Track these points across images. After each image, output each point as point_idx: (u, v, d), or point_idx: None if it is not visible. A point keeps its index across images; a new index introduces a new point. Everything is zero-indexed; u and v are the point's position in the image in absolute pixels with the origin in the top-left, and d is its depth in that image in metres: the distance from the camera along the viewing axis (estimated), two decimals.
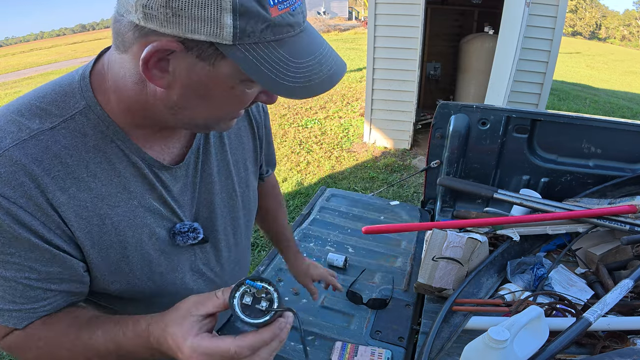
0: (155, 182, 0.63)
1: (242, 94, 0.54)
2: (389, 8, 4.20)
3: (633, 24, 49.65)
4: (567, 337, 0.89)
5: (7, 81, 12.22)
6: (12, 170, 0.51)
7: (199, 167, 0.70)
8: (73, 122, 0.56)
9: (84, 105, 0.56)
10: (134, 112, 0.57)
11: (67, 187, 0.55)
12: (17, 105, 0.56)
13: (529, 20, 3.57)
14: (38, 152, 0.53)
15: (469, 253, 1.21)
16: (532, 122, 1.62)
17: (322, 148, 4.94)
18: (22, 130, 0.53)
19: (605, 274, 1.22)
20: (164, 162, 0.64)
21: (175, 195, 0.67)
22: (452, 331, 1.09)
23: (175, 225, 0.68)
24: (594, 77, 12.18)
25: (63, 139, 0.55)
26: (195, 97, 0.53)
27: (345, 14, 30.54)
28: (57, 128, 0.55)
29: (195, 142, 0.69)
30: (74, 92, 0.57)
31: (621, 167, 1.56)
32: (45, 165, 0.53)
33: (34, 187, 0.52)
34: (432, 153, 1.80)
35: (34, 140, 0.53)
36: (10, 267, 0.54)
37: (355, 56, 11.66)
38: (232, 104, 0.56)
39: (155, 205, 0.64)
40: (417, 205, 2.20)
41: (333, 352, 1.10)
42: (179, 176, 0.67)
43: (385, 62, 4.43)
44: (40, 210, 0.53)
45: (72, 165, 0.55)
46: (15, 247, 0.53)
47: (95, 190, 0.57)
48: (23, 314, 0.58)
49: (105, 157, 0.58)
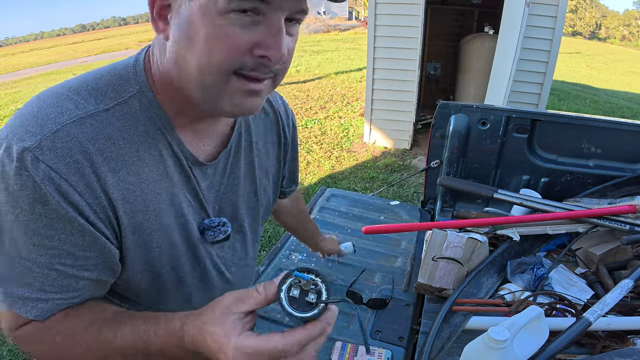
0: (192, 176, 0.64)
1: (229, 31, 0.50)
2: (389, 8, 4.20)
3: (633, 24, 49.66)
4: (567, 337, 0.89)
5: (7, 81, 12.22)
6: (69, 147, 0.51)
7: (228, 168, 0.71)
8: (127, 105, 0.57)
9: (137, 89, 0.58)
10: (170, 93, 0.58)
11: (118, 169, 0.55)
12: (73, 84, 0.57)
13: (529, 20, 3.57)
14: (94, 131, 0.53)
15: (469, 253, 1.21)
16: (532, 122, 1.62)
17: (322, 148, 4.94)
18: (79, 109, 0.54)
19: (605, 274, 1.22)
20: (200, 157, 0.65)
21: (203, 192, 0.68)
22: (452, 331, 1.09)
23: (204, 220, 0.69)
24: (594, 77, 12.18)
25: (117, 122, 0.55)
26: (186, 40, 0.51)
27: (345, 14, 30.53)
28: (111, 111, 0.55)
29: (229, 144, 0.70)
30: (129, 76, 0.58)
31: (621, 167, 1.56)
32: (100, 145, 0.53)
33: (87, 165, 0.52)
34: (432, 153, 1.80)
35: (90, 119, 0.53)
36: (47, 252, 0.53)
37: (355, 56, 11.66)
38: (220, 46, 0.51)
39: (188, 198, 0.65)
40: (417, 205, 2.21)
41: (333, 352, 1.10)
42: (207, 174, 0.68)
43: (385, 62, 4.43)
44: (90, 190, 0.53)
45: (124, 147, 0.56)
46: (56, 228, 0.52)
47: (143, 175, 0.58)
48: (50, 304, 0.56)
49: (153, 143, 0.59)
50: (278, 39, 0.51)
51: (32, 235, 0.51)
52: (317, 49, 13.94)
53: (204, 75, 0.53)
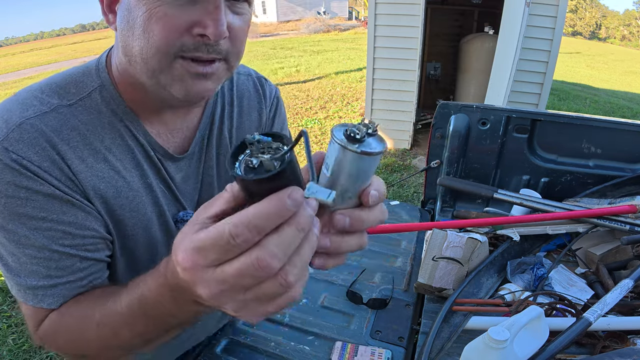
0: (161, 167, 0.65)
1: (166, 12, 0.50)
2: (389, 8, 4.20)
3: (633, 24, 49.66)
4: (567, 337, 0.89)
5: (7, 81, 12.22)
6: (35, 137, 0.53)
7: (203, 157, 0.71)
8: (89, 99, 0.58)
9: (99, 83, 0.59)
10: (129, 85, 0.59)
11: (85, 157, 0.56)
12: (40, 84, 0.59)
13: (529, 20, 3.57)
14: (57, 123, 0.55)
15: (469, 253, 1.21)
16: (532, 122, 1.62)
17: (322, 148, 4.94)
18: (43, 104, 0.56)
19: (605, 274, 1.22)
20: (169, 149, 0.65)
21: (177, 184, 0.68)
22: (452, 331, 1.09)
23: (178, 212, 0.69)
24: (594, 77, 12.18)
25: (80, 115, 0.57)
26: (127, 27, 0.53)
27: (345, 14, 30.55)
28: (74, 105, 0.57)
29: (198, 133, 0.69)
30: (91, 73, 0.60)
31: (621, 167, 1.56)
32: (64, 135, 0.55)
33: (54, 153, 0.54)
34: (432, 153, 1.80)
35: (53, 113, 0.56)
36: (43, 235, 0.53)
37: (355, 56, 11.66)
38: (158, 27, 0.50)
39: (162, 188, 0.66)
40: (417, 205, 2.20)
41: (333, 352, 1.10)
42: (181, 166, 0.68)
43: (385, 62, 4.43)
44: (64, 175, 0.54)
45: (89, 137, 0.57)
46: (47, 210, 0.53)
47: (112, 163, 0.59)
48: (59, 289, 0.56)
49: (119, 134, 0.60)
50: (215, 15, 0.50)
51: (26, 220, 0.53)
52: (317, 49, 13.95)
53: (147, 59, 0.53)
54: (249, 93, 0.78)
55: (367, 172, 0.40)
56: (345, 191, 0.40)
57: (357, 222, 0.41)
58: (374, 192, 0.41)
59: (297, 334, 1.15)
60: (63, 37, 58.52)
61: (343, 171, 0.38)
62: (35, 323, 0.58)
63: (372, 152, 0.38)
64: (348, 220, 0.41)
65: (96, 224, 0.58)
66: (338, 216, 0.41)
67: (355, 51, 12.70)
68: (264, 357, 1.08)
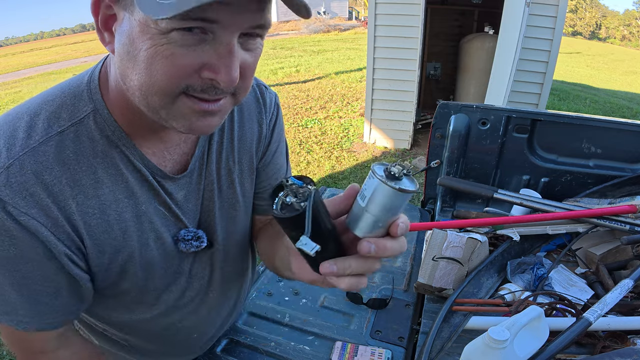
0: (159, 189, 0.62)
1: (173, 51, 0.45)
2: (389, 8, 4.20)
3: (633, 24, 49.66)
4: (567, 337, 0.89)
5: (7, 81, 12.22)
6: (24, 180, 0.50)
7: (204, 174, 0.68)
8: (82, 126, 0.55)
9: (92, 108, 0.55)
10: (125, 108, 0.56)
11: (76, 194, 0.54)
12: (26, 108, 0.55)
13: (529, 20, 3.57)
14: (48, 159, 0.52)
15: (469, 253, 1.21)
16: (532, 122, 1.62)
17: (322, 148, 4.94)
18: (30, 137, 0.52)
19: (606, 274, 1.22)
20: (166, 169, 0.63)
21: (179, 203, 0.66)
22: (452, 331, 1.09)
23: (179, 231, 0.67)
24: (594, 77, 12.18)
25: (72, 144, 0.54)
26: (128, 57, 0.47)
27: (345, 14, 30.53)
28: (65, 132, 0.54)
29: (197, 149, 0.66)
30: (82, 95, 0.56)
31: (621, 167, 1.56)
32: (56, 173, 0.52)
33: (45, 196, 0.52)
34: (432, 153, 1.80)
35: (43, 147, 0.52)
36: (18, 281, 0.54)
37: (355, 56, 11.66)
38: (163, 67, 0.46)
39: (161, 210, 0.64)
40: (417, 205, 2.20)
41: (333, 352, 1.10)
42: (182, 184, 0.65)
43: (385, 62, 4.43)
44: (51, 220, 0.52)
45: (79, 172, 0.54)
46: (25, 258, 0.53)
47: (103, 197, 0.57)
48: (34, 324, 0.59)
49: (112, 163, 0.57)
50: (228, 61, 0.46)
51: (4, 262, 0.53)
52: (317, 49, 13.94)
53: (148, 96, 0.48)
54: (248, 103, 0.75)
55: (399, 207, 0.45)
56: (377, 221, 0.45)
57: (381, 249, 0.46)
58: (402, 225, 0.46)
59: (297, 334, 1.15)
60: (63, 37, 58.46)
61: (378, 203, 0.44)
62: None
63: (407, 190, 0.43)
64: (374, 247, 0.45)
65: (76, 268, 0.58)
66: (365, 243, 0.45)
67: (355, 51, 12.70)
68: (264, 357, 1.08)
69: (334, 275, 0.47)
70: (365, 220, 0.46)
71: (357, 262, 0.48)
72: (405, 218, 0.47)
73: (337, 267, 0.47)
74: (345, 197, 0.48)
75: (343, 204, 0.48)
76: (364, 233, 0.47)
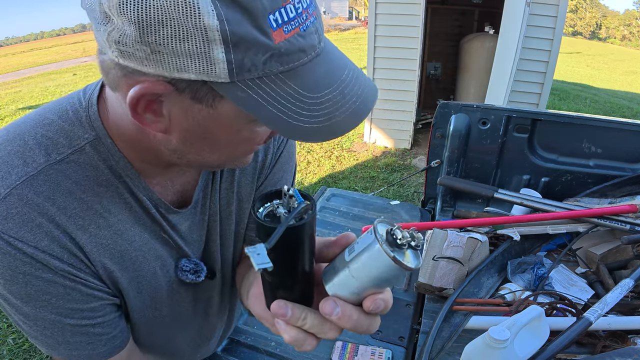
0: (162, 222, 0.60)
1: (253, 134, 0.46)
2: (389, 8, 4.20)
3: (633, 24, 49.66)
4: (567, 337, 0.89)
5: (7, 81, 12.22)
6: (25, 211, 0.46)
7: (207, 204, 0.66)
8: (83, 154, 0.50)
9: (94, 136, 0.51)
10: (139, 150, 0.52)
11: (87, 225, 0.50)
12: (20, 132, 0.50)
13: (529, 20, 3.57)
14: (48, 189, 0.47)
15: (469, 253, 1.21)
16: (533, 122, 1.62)
17: (322, 147, 4.94)
18: (27, 164, 0.47)
19: (606, 274, 1.22)
20: (170, 199, 0.61)
21: (183, 234, 0.64)
22: (453, 331, 1.09)
23: (181, 260, 0.65)
24: (594, 77, 12.17)
25: (74, 174, 0.49)
26: (199, 142, 0.46)
27: (345, 13, 30.54)
28: (65, 160, 0.49)
29: (201, 180, 0.64)
30: (81, 121, 0.51)
31: (621, 166, 1.56)
32: (59, 203, 0.48)
33: (53, 227, 0.47)
34: (432, 153, 1.80)
35: (42, 176, 0.47)
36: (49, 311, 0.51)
37: (355, 56, 11.66)
38: (242, 145, 0.48)
39: (165, 238, 0.62)
40: (417, 204, 2.20)
41: (333, 352, 1.09)
42: (186, 215, 0.63)
43: (385, 62, 4.43)
44: (65, 250, 0.48)
45: (87, 201, 0.50)
46: (49, 293, 0.50)
47: (114, 226, 0.54)
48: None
49: (117, 192, 0.54)
50: None
51: (28, 299, 0.49)
52: None
53: (220, 162, 0.52)
54: None
55: (387, 280, 0.37)
56: (355, 285, 0.38)
57: (345, 318, 0.40)
58: (380, 302, 0.39)
59: None
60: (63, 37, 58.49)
61: (365, 266, 0.36)
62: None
63: (404, 264, 0.35)
64: (338, 311, 0.39)
65: (102, 293, 0.55)
66: (330, 302, 0.39)
67: (355, 51, 12.70)
68: (264, 356, 1.08)
69: (284, 320, 0.42)
70: (342, 277, 0.38)
71: (313, 319, 0.42)
72: (389, 296, 0.40)
73: (291, 314, 0.42)
74: (334, 242, 0.44)
75: (328, 250, 0.44)
76: (335, 291, 0.40)
